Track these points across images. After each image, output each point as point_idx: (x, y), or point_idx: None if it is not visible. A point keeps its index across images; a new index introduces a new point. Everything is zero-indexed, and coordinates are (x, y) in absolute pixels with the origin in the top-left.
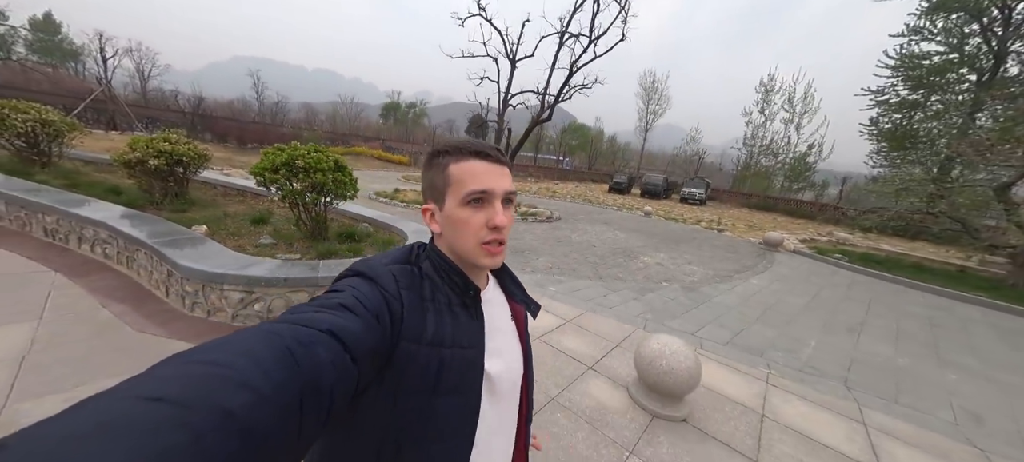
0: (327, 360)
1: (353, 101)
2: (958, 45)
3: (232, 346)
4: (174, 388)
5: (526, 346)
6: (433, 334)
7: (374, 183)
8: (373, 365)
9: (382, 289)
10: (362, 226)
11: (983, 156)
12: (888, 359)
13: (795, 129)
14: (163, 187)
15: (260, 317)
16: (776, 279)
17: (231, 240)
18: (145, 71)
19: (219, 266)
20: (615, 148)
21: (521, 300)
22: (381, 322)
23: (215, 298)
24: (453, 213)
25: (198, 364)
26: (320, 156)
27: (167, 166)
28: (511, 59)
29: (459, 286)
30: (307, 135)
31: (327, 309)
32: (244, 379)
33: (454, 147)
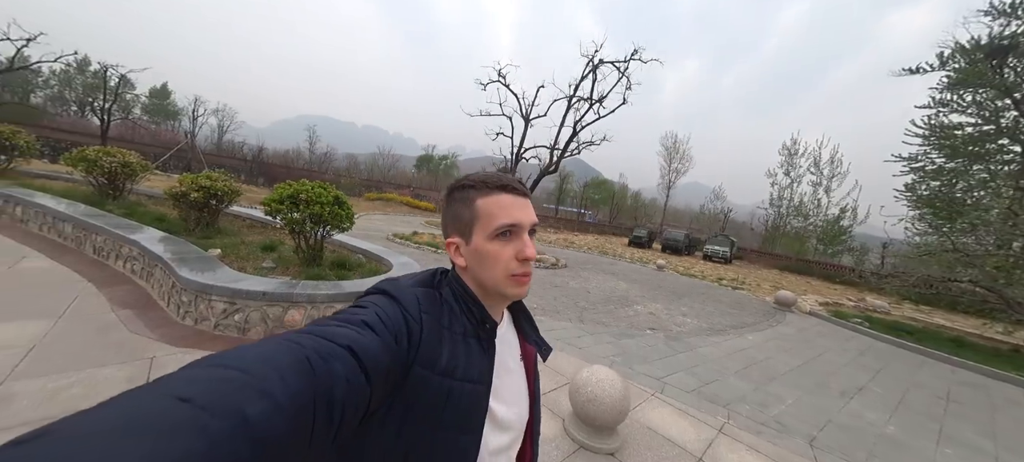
0: (342, 375)
1: (390, 152)
2: (993, 118)
3: (256, 352)
4: (201, 389)
5: (533, 389)
6: (446, 363)
7: (396, 226)
8: (386, 385)
9: (404, 310)
10: (356, 257)
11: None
12: (873, 425)
13: (825, 192)
14: (198, 217)
15: (238, 328)
16: (775, 337)
17: (238, 262)
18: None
19: (211, 279)
20: (638, 203)
21: (533, 341)
22: (399, 343)
23: (203, 308)
24: (482, 246)
25: (224, 368)
26: (321, 191)
27: (204, 199)
28: (525, 118)
29: (477, 318)
30: (344, 181)
31: (349, 324)
32: (264, 386)
33: (480, 181)
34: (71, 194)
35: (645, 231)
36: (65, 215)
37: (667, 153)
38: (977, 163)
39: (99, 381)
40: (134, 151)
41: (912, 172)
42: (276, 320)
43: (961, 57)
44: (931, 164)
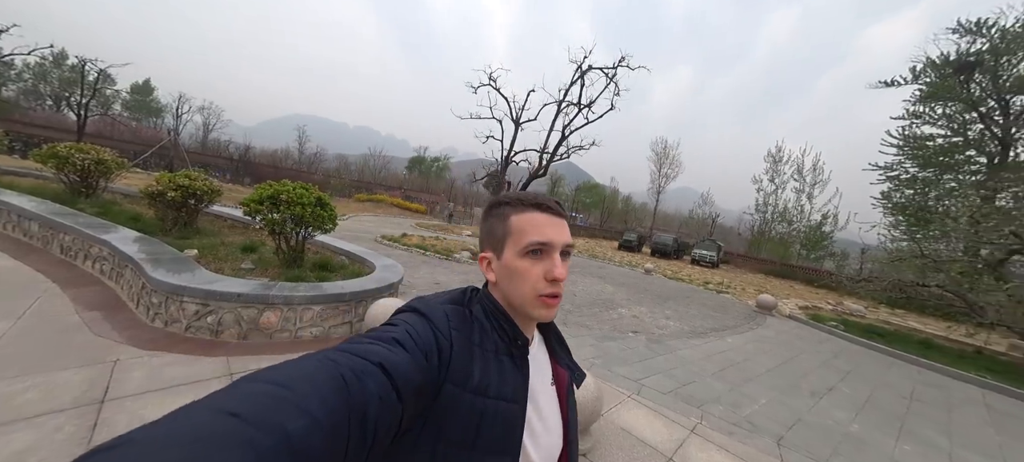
0: (375, 393)
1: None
2: (961, 130)
3: (297, 369)
4: (248, 405)
5: (568, 416)
6: (478, 381)
7: (385, 228)
8: (417, 404)
9: (434, 327)
10: (339, 258)
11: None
12: (840, 423)
13: (807, 198)
14: (175, 217)
15: (210, 329)
16: (755, 340)
17: (215, 264)
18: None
19: (184, 280)
20: (629, 207)
21: (566, 364)
22: (430, 361)
23: (174, 309)
24: (512, 263)
25: (269, 384)
26: (303, 192)
27: (182, 198)
28: (516, 122)
29: (508, 335)
30: (334, 182)
31: (381, 342)
32: (304, 403)
33: (516, 199)
34: (40, 191)
35: (635, 235)
36: (31, 213)
37: (657, 158)
38: (947, 173)
39: (57, 385)
40: (111, 148)
41: (888, 180)
42: (250, 322)
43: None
44: (905, 173)
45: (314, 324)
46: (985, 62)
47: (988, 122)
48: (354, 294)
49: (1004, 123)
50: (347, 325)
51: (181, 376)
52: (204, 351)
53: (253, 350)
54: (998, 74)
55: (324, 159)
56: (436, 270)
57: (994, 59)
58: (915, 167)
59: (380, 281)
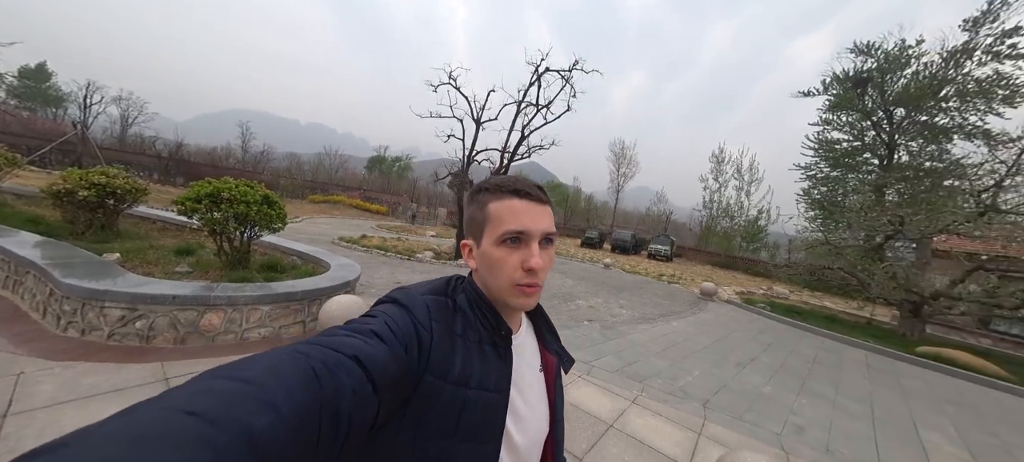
0: (348, 386)
1: (337, 153)
2: (860, 136)
3: (263, 363)
4: (207, 402)
5: (554, 402)
6: (459, 372)
7: (343, 230)
8: (396, 396)
9: (414, 318)
10: (290, 259)
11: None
12: (756, 387)
13: (745, 195)
14: (89, 218)
15: (139, 336)
16: (696, 323)
17: (144, 268)
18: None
19: (104, 284)
20: (591, 206)
21: (555, 351)
22: (409, 352)
23: (93, 316)
24: (489, 251)
25: (230, 380)
26: (247, 190)
27: (97, 198)
28: (477, 121)
29: (491, 324)
30: (284, 182)
31: (357, 334)
32: (269, 398)
33: (495, 185)
34: None
35: (596, 232)
36: None
37: (615, 158)
38: (851, 172)
39: None
40: None
41: (807, 179)
42: (190, 325)
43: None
44: (821, 173)
45: (262, 325)
46: (874, 78)
47: (878, 129)
48: (306, 293)
49: (890, 130)
50: (300, 325)
51: (105, 384)
52: (132, 358)
53: (192, 354)
54: (884, 89)
55: (272, 158)
56: (397, 270)
57: (881, 76)
58: (828, 167)
59: (335, 279)
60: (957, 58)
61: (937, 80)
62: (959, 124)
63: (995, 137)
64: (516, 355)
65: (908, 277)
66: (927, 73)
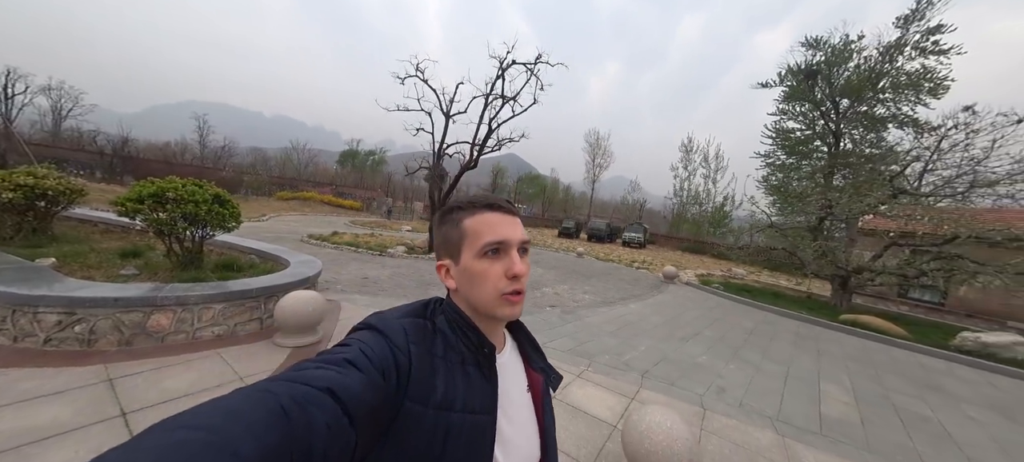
0: (322, 422)
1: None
2: (811, 125)
3: (219, 407)
4: (154, 459)
5: (544, 422)
6: (442, 396)
7: (314, 227)
8: (375, 428)
9: (391, 343)
10: (248, 258)
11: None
12: (693, 357)
13: (712, 183)
14: (17, 222)
15: (79, 340)
16: (653, 304)
17: (83, 272)
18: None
19: (36, 290)
20: (569, 197)
21: (540, 368)
22: (387, 379)
23: (25, 322)
24: (470, 266)
25: (181, 430)
26: (195, 189)
27: (25, 200)
28: (446, 114)
29: (474, 343)
30: (248, 179)
31: (330, 365)
32: (230, 445)
33: (467, 203)
34: None
35: (573, 222)
36: None
37: (591, 149)
38: (804, 159)
39: None
40: None
41: (766, 166)
42: (135, 326)
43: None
44: (778, 160)
45: (216, 323)
46: (823, 71)
47: (826, 119)
48: (263, 290)
49: (836, 119)
50: (257, 322)
51: (45, 387)
52: (73, 362)
53: (140, 355)
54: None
55: (235, 153)
56: (366, 266)
57: (828, 68)
58: (784, 155)
59: (294, 276)
60: (891, 53)
61: (875, 73)
62: (893, 114)
63: (921, 125)
64: (501, 374)
65: (835, 254)
66: (866, 66)
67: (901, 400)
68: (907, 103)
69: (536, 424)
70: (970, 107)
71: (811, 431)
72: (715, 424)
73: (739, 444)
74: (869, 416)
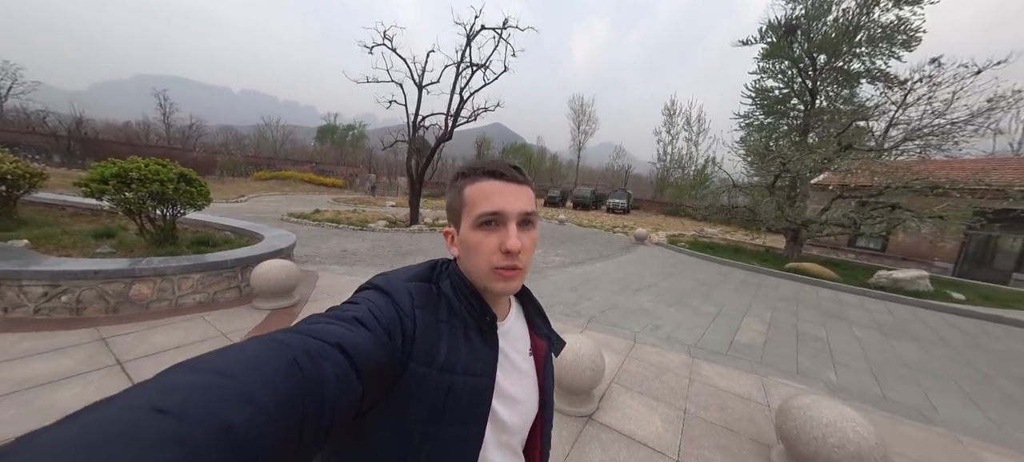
0: (332, 375)
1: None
2: (789, 83)
3: (239, 355)
4: (178, 399)
5: (545, 386)
6: (445, 359)
7: (296, 206)
8: (380, 384)
9: (397, 306)
10: (223, 234)
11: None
12: (640, 304)
13: (695, 147)
14: None
15: (69, 308)
16: (619, 263)
17: (60, 252)
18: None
19: (15, 265)
20: (556, 166)
21: (544, 335)
22: (393, 339)
23: (12, 294)
24: (466, 236)
25: (204, 373)
26: (159, 168)
27: None
28: (418, 85)
29: (476, 310)
30: (221, 159)
31: (340, 321)
32: (248, 392)
33: (470, 168)
34: None
35: (559, 191)
36: None
37: (575, 115)
38: (781, 119)
39: None
40: None
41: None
42: (119, 295)
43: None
44: (756, 120)
45: (196, 291)
46: (802, 25)
47: (804, 76)
48: (238, 261)
49: (813, 76)
50: (235, 290)
51: (42, 346)
52: (65, 326)
53: (127, 319)
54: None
55: (204, 132)
56: (347, 240)
57: (808, 22)
58: (762, 114)
59: (268, 248)
60: (868, 4)
61: (852, 26)
62: (867, 68)
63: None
64: (504, 340)
65: (784, 208)
66: (844, 19)
67: (805, 327)
68: (881, 57)
69: (536, 386)
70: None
71: (719, 353)
72: (640, 353)
73: (654, 364)
74: (773, 339)
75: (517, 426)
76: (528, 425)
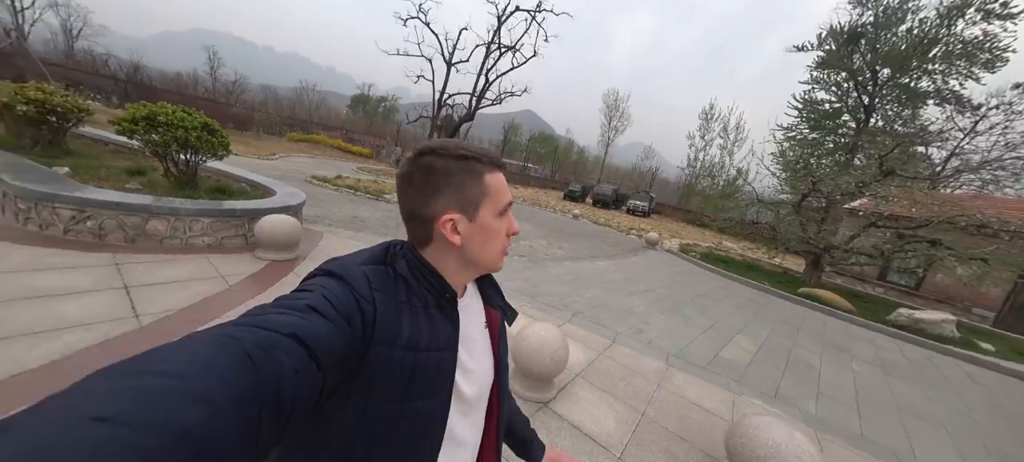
0: (289, 367)
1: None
2: (843, 97)
3: (184, 353)
4: (122, 405)
5: (498, 354)
6: (408, 337)
7: (322, 170)
8: (342, 370)
9: (354, 290)
10: (240, 186)
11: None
12: (631, 307)
13: (729, 156)
14: (35, 134)
15: (92, 233)
16: (623, 264)
17: (95, 182)
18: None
19: (52, 189)
20: (582, 159)
21: (498, 306)
22: (352, 326)
23: (47, 214)
24: (489, 224)
25: (144, 375)
26: (185, 116)
27: (38, 115)
28: (447, 61)
29: (436, 288)
30: (258, 116)
31: (292, 311)
32: (199, 392)
33: (484, 155)
34: None
35: (579, 186)
36: None
37: (608, 110)
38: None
39: None
40: None
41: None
42: (136, 228)
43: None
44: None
45: (206, 234)
46: (868, 33)
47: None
48: (247, 211)
49: (871, 91)
50: (242, 238)
51: (64, 262)
52: (88, 249)
53: (142, 251)
54: (876, 45)
55: (246, 89)
56: (360, 207)
57: (875, 31)
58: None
59: (277, 203)
60: (951, 15)
61: (928, 39)
62: (937, 88)
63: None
64: (464, 314)
65: (806, 228)
66: (920, 31)
67: (800, 353)
68: (956, 76)
69: (492, 355)
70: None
71: (697, 365)
72: (616, 352)
73: (626, 365)
74: (760, 360)
75: (476, 394)
76: (487, 392)
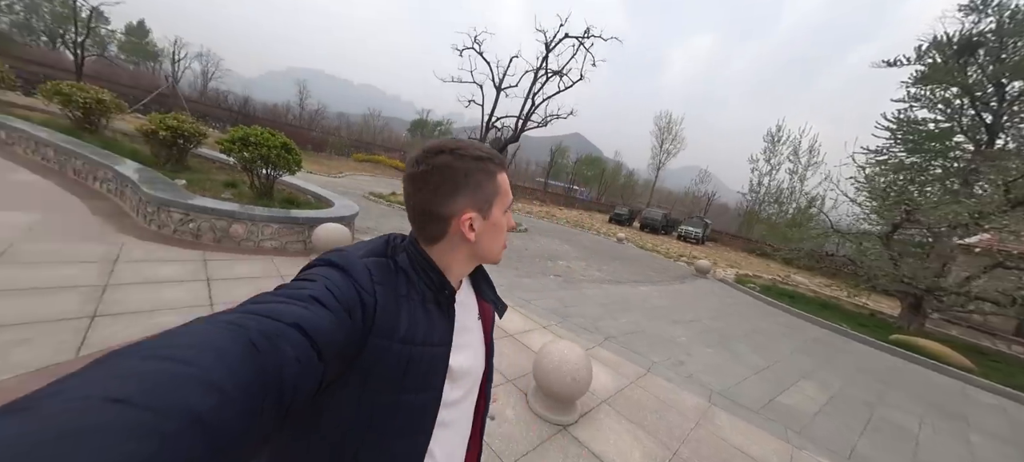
0: (292, 356)
1: (380, 115)
2: (953, 115)
3: (194, 338)
4: (137, 387)
5: (489, 343)
6: (406, 331)
7: (379, 187)
8: (342, 361)
9: (356, 282)
10: (305, 197)
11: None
12: (672, 337)
13: (799, 180)
14: (167, 154)
15: (192, 233)
16: (667, 292)
17: (202, 192)
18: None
19: (170, 197)
20: (631, 182)
21: (490, 299)
22: (353, 317)
23: (164, 217)
24: (499, 221)
25: (161, 360)
26: (269, 137)
27: (172, 138)
28: (497, 87)
29: (435, 284)
30: (332, 140)
31: (295, 301)
32: (211, 378)
33: (497, 157)
34: (50, 124)
35: (626, 210)
36: (47, 141)
37: (660, 132)
38: (936, 158)
39: (85, 250)
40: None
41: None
42: (222, 231)
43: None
44: (894, 158)
45: (273, 238)
46: (987, 42)
47: (980, 107)
48: (307, 219)
49: (997, 109)
50: (302, 243)
51: (167, 256)
52: (187, 246)
53: (225, 250)
54: (1001, 56)
55: (325, 116)
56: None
57: (998, 39)
58: (904, 151)
59: (333, 214)
60: None
61: None
62: None
63: None
64: (459, 309)
65: (900, 264)
66: None
67: (888, 412)
68: None
69: (484, 346)
70: None
71: (746, 408)
72: (650, 383)
73: (660, 399)
74: (830, 411)
75: (468, 384)
76: (478, 383)
